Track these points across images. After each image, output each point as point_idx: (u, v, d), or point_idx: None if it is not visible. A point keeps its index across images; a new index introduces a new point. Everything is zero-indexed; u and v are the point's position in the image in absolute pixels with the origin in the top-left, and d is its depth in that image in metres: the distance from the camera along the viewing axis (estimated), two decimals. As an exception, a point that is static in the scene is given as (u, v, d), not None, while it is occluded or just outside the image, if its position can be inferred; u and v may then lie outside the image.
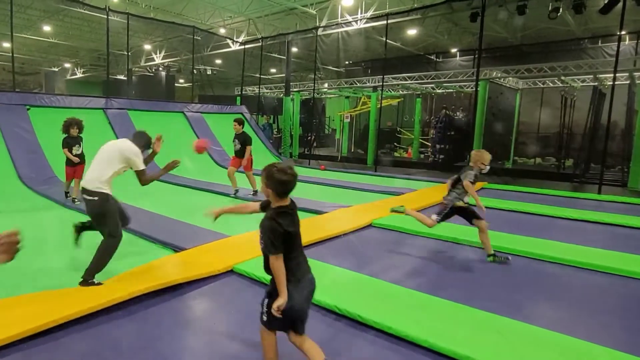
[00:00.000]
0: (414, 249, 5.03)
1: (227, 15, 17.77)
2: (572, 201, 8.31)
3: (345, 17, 15.56)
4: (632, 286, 3.99)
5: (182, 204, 7.39)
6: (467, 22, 13.75)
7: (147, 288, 3.35)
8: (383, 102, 16.04)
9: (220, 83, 28.56)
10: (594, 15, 12.28)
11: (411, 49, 19.70)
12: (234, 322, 3.14)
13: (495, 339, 2.79)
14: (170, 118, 12.83)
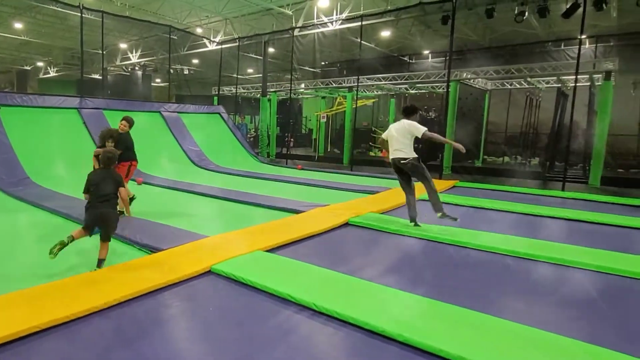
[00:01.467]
0: (390, 246, 5.06)
1: (204, 15, 17.53)
2: (539, 198, 8.53)
3: (320, 18, 15.55)
4: (596, 279, 4.10)
5: (159, 204, 7.24)
6: (438, 25, 13.92)
7: (123, 297, 3.27)
8: (358, 102, 16.10)
9: (198, 83, 28.13)
10: (557, 19, 12.62)
11: (385, 50, 19.86)
12: (212, 321, 3.09)
13: (469, 333, 2.83)
14: (147, 118, 12.54)
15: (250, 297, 3.47)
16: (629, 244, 5.38)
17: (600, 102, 11.30)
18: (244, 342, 2.79)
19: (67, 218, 5.82)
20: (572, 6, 10.96)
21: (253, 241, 4.68)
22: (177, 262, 4.01)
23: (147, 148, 11.41)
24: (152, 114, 12.96)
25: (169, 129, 12.76)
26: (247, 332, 2.92)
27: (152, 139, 11.97)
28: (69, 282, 3.53)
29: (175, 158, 11.92)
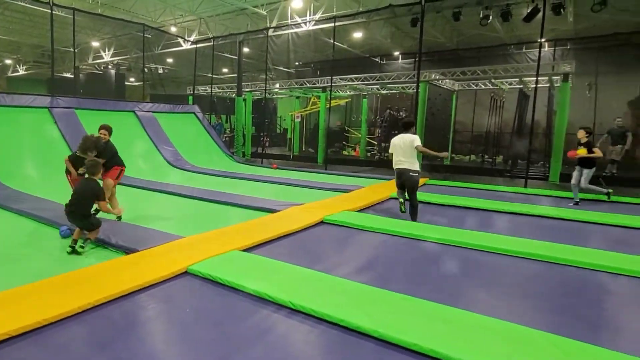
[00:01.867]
0: (364, 244, 5.07)
1: (178, 14, 17.15)
2: (503, 195, 8.72)
3: (294, 19, 15.47)
4: (557, 271, 4.21)
5: (134, 205, 7.02)
6: (408, 27, 14.09)
7: (97, 300, 3.15)
8: (332, 102, 16.11)
9: (173, 82, 27.53)
10: (519, 24, 12.95)
11: (357, 51, 19.93)
12: (189, 322, 3.02)
13: (440, 327, 2.86)
14: (120, 117, 12.18)
15: (227, 297, 3.41)
16: (585, 237, 5.59)
17: (558, 102, 11.66)
18: (221, 343, 2.75)
19: (38, 220, 5.59)
20: (532, 11, 11.28)
21: (229, 241, 4.61)
22: (153, 264, 3.91)
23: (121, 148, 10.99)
24: (126, 113, 12.59)
25: (144, 129, 12.42)
26: (224, 333, 2.87)
27: (126, 139, 11.59)
28: (40, 285, 3.39)
29: (150, 158, 11.62)
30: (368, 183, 9.58)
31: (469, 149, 18.34)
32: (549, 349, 2.60)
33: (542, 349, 2.62)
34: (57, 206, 6.18)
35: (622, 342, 2.86)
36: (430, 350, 2.58)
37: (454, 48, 18.19)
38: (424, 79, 13.33)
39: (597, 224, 6.25)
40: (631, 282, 3.96)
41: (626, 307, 3.48)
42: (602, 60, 15.15)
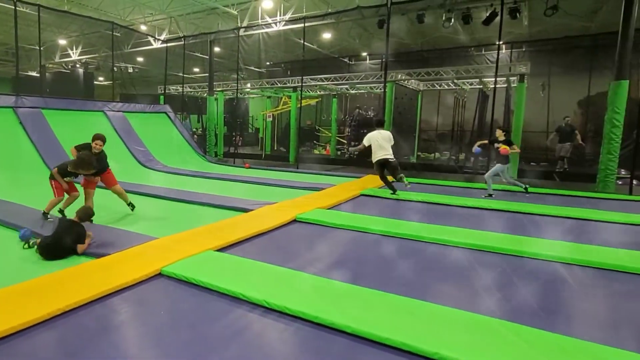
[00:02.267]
0: (336, 241, 5.08)
1: (148, 12, 16.61)
2: (467, 191, 8.89)
3: (265, 19, 15.31)
4: (519, 263, 4.33)
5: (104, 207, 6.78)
6: (375, 29, 14.20)
7: (67, 306, 3.02)
8: (302, 101, 16.05)
9: (143, 81, 26.72)
10: (479, 27, 13.26)
11: (327, 51, 19.93)
12: (163, 325, 2.95)
13: (408, 320, 2.91)
14: (89, 117, 11.75)
15: (201, 298, 3.35)
16: (540, 228, 5.79)
17: (515, 101, 12.02)
18: (196, 344, 2.69)
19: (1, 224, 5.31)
20: (491, 15, 11.59)
21: (203, 241, 4.52)
22: (126, 266, 3.78)
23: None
24: (96, 113, 12.14)
25: (114, 129, 12.00)
26: (199, 334, 2.81)
27: (96, 139, 11.24)
28: (5, 292, 3.21)
29: (121, 159, 11.20)
30: (339, 181, 9.61)
31: (434, 147, 18.69)
32: (509, 337, 2.68)
33: (502, 336, 2.69)
34: (22, 209, 5.92)
35: (577, 328, 2.98)
36: (400, 343, 2.62)
37: (418, 49, 18.48)
38: (391, 79, 13.47)
39: (553, 216, 6.46)
40: (584, 271, 4.13)
41: (579, 294, 3.63)
42: (554, 62, 15.74)
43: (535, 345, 2.59)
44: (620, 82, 8.85)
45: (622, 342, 2.72)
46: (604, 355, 2.50)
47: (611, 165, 9.00)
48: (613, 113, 8.91)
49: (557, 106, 15.57)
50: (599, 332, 2.93)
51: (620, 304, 3.45)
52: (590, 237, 5.31)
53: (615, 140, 8.94)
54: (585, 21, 14.08)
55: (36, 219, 5.39)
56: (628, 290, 3.72)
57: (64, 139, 10.25)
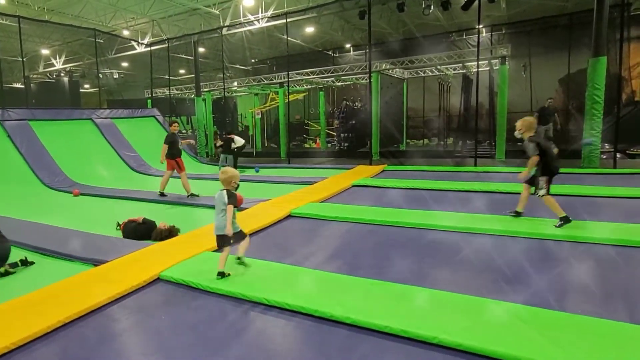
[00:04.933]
0: (331, 233, 5.06)
1: (130, 17, 16.35)
2: (456, 174, 8.91)
3: (247, 17, 15.13)
4: (510, 244, 4.36)
5: (99, 215, 6.71)
6: (357, 20, 14.10)
7: (67, 318, 2.98)
8: (290, 96, 15.95)
9: (130, 87, 26.38)
10: (458, 12, 13.22)
11: (311, 45, 19.81)
12: (165, 330, 2.92)
13: (407, 307, 2.92)
14: (77, 126, 11.56)
15: (201, 300, 3.32)
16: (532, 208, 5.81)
17: (498, 84, 12.04)
18: (199, 347, 2.67)
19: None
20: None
21: (199, 243, 4.48)
22: (123, 273, 3.74)
23: (80, 158, 10.60)
24: (83, 121, 11.93)
25: (103, 136, 11.82)
26: (201, 336, 2.80)
27: (85, 148, 11.09)
28: (3, 307, 3.16)
29: (112, 166, 11.10)
30: (331, 174, 9.58)
31: (422, 134, 18.70)
32: (504, 316, 2.71)
33: (497, 316, 2.72)
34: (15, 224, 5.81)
35: (570, 303, 3.01)
36: (399, 330, 2.63)
37: (401, 38, 18.41)
38: (376, 69, 13.41)
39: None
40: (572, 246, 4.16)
41: (570, 270, 3.66)
42: (533, 43, 15.79)
43: (531, 322, 2.61)
44: (599, 59, 8.89)
45: (614, 315, 2.76)
46: (596, 328, 2.53)
47: (595, 140, 9.07)
48: (593, 89, 8.96)
49: (539, 86, 15.65)
50: (592, 305, 2.95)
51: (609, 276, 3.48)
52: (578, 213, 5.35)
53: (597, 116, 9.00)
54: (561, 1, 14.12)
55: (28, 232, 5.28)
56: (615, 262, 3.76)
57: (53, 150, 10.11)
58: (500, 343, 2.40)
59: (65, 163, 9.99)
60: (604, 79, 8.95)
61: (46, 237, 4.99)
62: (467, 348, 2.41)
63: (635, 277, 3.43)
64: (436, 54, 13.82)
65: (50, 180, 9.26)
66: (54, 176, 9.45)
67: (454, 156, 12.54)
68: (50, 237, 4.99)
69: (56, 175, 9.53)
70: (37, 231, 5.36)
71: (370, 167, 10.37)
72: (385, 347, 2.55)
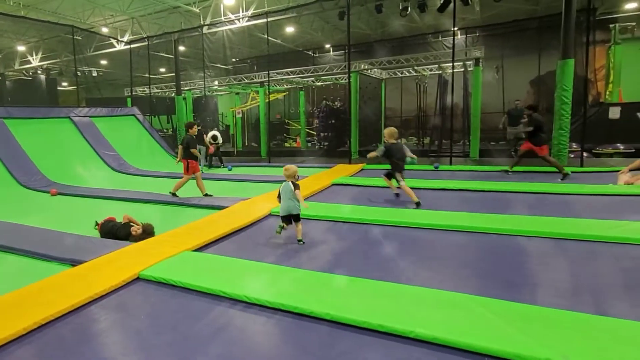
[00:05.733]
0: (311, 232, 5.05)
1: (109, 14, 15.93)
2: (432, 173, 9.03)
3: (227, 16, 14.96)
4: (483, 240, 4.44)
5: (78, 215, 6.53)
6: (336, 20, 14.14)
7: (44, 319, 2.89)
8: (270, 96, 15.86)
9: (109, 85, 25.73)
10: (434, 14, 13.40)
11: (291, 45, 19.72)
12: (145, 329, 2.86)
13: (384, 302, 2.94)
14: (55, 125, 11.20)
15: (181, 299, 3.28)
16: (504, 205, 5.96)
17: (473, 85, 12.26)
18: (179, 345, 2.63)
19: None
20: (444, 2, 11.73)
21: (180, 242, 4.41)
22: (102, 273, 3.65)
23: (58, 157, 10.29)
24: (61, 120, 11.56)
25: (82, 135, 11.49)
26: (181, 335, 2.76)
27: (63, 147, 10.75)
28: (-22, 310, 3.04)
29: (91, 165, 10.79)
30: (311, 172, 9.55)
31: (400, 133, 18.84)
32: (477, 310, 2.76)
33: (471, 310, 2.77)
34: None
35: (540, 297, 3.09)
36: (377, 325, 2.65)
37: (379, 39, 18.53)
38: (354, 69, 13.46)
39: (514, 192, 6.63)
40: (543, 242, 4.28)
41: (541, 265, 3.76)
42: (506, 45, 16.13)
43: (502, 315, 2.67)
44: (566, 61, 9.15)
45: (581, 307, 2.85)
46: (564, 320, 2.61)
47: (563, 140, 9.34)
48: (562, 90, 9.22)
49: (511, 87, 16.01)
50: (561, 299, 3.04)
51: (578, 270, 3.60)
52: (548, 210, 5.51)
53: (565, 116, 9.27)
54: (531, 4, 14.47)
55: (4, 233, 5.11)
56: (582, 257, 3.88)
57: (29, 149, 9.76)
58: (473, 335, 2.45)
59: (42, 162, 9.67)
60: (572, 81, 9.22)
61: (22, 238, 4.83)
62: (441, 341, 2.45)
63: (600, 271, 3.55)
64: (413, 55, 13.96)
65: (26, 179, 8.95)
66: (30, 176, 9.14)
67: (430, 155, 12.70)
68: (26, 237, 4.84)
69: (33, 174, 9.22)
70: (13, 231, 5.19)
71: (350, 165, 10.41)
72: (364, 342, 2.57)
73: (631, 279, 3.34)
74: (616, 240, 4.09)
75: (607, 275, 3.44)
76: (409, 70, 15.81)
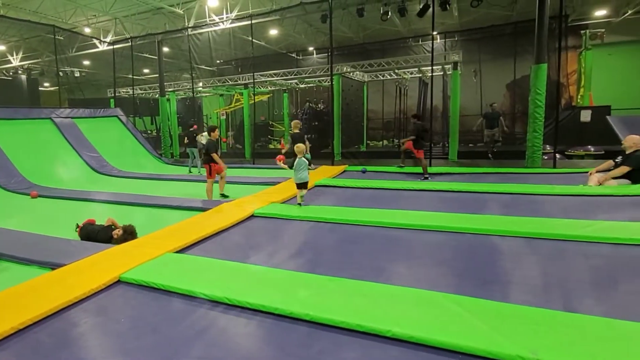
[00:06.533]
0: (293, 233, 5.04)
1: (91, 14, 15.59)
2: (412, 175, 9.03)
3: (212, 18, 14.81)
4: (458, 240, 4.49)
5: (59, 217, 6.37)
6: (319, 23, 14.16)
7: (21, 324, 2.82)
8: (255, 98, 15.77)
9: (92, 85, 25.16)
10: (414, 18, 13.55)
11: (275, 48, 19.66)
12: (125, 332, 2.81)
13: (362, 302, 2.95)
14: (36, 126, 10.89)
15: (162, 301, 3.24)
16: (481, 206, 6.06)
17: (451, 88, 12.42)
18: (160, 348, 2.60)
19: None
20: (424, 7, 11.88)
21: (161, 244, 4.35)
22: (82, 276, 3.57)
23: (39, 158, 10.03)
24: (42, 121, 11.24)
25: (63, 136, 11.20)
26: (162, 337, 2.73)
27: (44, 148, 10.48)
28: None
29: (73, 167, 10.52)
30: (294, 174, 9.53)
31: (381, 135, 18.99)
32: (452, 308, 2.80)
33: (446, 308, 2.81)
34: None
35: (513, 294, 3.16)
36: (355, 325, 2.67)
37: (361, 42, 18.63)
38: (337, 72, 13.50)
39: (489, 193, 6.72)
40: (516, 241, 4.36)
41: (514, 263, 3.83)
42: (483, 50, 16.41)
43: (476, 313, 2.71)
44: (540, 66, 9.35)
45: (550, 304, 2.92)
46: (534, 316, 2.67)
47: (537, 142, 9.54)
48: (535, 94, 9.41)
49: (489, 90, 16.29)
50: (532, 296, 3.11)
51: (548, 268, 3.68)
52: (522, 210, 5.62)
53: (539, 119, 9.47)
54: (506, 10, 14.76)
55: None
56: (552, 255, 3.97)
57: (9, 150, 9.48)
58: (448, 333, 2.49)
59: (22, 164, 9.40)
60: (545, 85, 9.43)
61: (1, 241, 4.69)
62: (417, 339, 2.48)
63: (570, 269, 3.63)
64: (394, 58, 14.08)
65: (6, 181, 8.68)
66: (10, 177, 8.87)
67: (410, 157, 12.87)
68: (5, 241, 4.70)
69: (13, 176, 8.95)
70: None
71: (332, 167, 10.42)
72: (342, 342, 2.59)
73: (599, 277, 3.44)
74: (586, 239, 4.18)
75: (576, 273, 3.53)
76: (390, 73, 15.94)
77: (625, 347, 2.31)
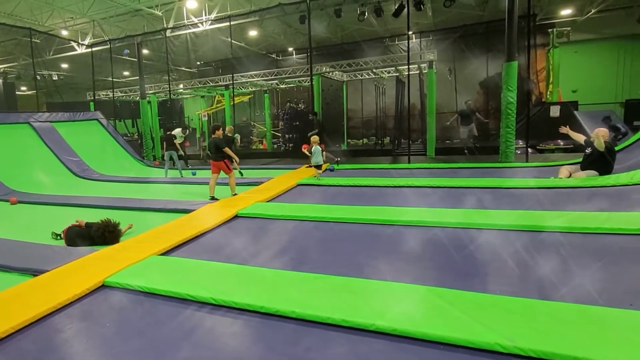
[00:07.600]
0: (277, 232, 5.01)
1: (68, 17, 15.09)
2: (392, 171, 9.08)
3: (190, 19, 14.56)
4: (439, 234, 4.54)
5: (39, 223, 6.15)
6: (298, 24, 14.10)
7: (4, 332, 2.72)
8: (235, 99, 15.60)
9: (71, 89, 24.43)
10: (390, 19, 13.61)
11: (254, 48, 19.47)
12: (111, 337, 2.75)
13: (347, 298, 2.97)
14: (13, 130, 10.51)
15: (148, 304, 3.17)
16: (459, 200, 6.14)
17: (427, 86, 12.55)
18: (147, 351, 2.55)
19: None
20: (399, 7, 11.95)
21: (146, 247, 4.26)
22: (66, 282, 3.48)
23: (18, 164, 9.69)
24: (20, 125, 10.85)
25: (42, 141, 10.83)
26: (149, 340, 2.67)
27: (23, 153, 10.13)
28: None
29: (53, 171, 10.18)
30: (276, 174, 9.48)
31: (361, 134, 19.05)
32: (434, 300, 2.84)
33: (429, 301, 2.84)
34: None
35: (491, 285, 3.22)
36: (341, 320, 2.68)
37: (339, 42, 18.63)
38: (317, 72, 13.48)
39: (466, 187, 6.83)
40: (493, 233, 4.44)
41: (492, 254, 3.90)
42: (457, 48, 16.60)
43: (456, 304, 2.76)
44: (511, 63, 9.53)
45: (527, 292, 2.99)
46: (511, 306, 2.73)
47: (510, 137, 9.73)
48: (507, 91, 9.60)
49: (463, 88, 16.53)
50: (509, 286, 3.18)
51: (524, 258, 3.76)
52: (497, 203, 5.72)
53: (511, 115, 9.66)
54: (478, 10, 14.99)
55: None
56: (526, 246, 4.07)
57: (-13, 156, 9.13)
58: (430, 325, 2.52)
59: (0, 170, 9.06)
60: (516, 82, 9.62)
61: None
62: (400, 332, 2.51)
63: (544, 258, 3.72)
64: (371, 57, 14.13)
65: (-17, 188, 8.37)
66: (-13, 184, 8.55)
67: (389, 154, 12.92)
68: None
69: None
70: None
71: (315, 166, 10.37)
72: (328, 337, 2.59)
73: (570, 265, 3.54)
74: (558, 230, 4.30)
75: (549, 262, 3.62)
76: (368, 72, 15.99)
77: (596, 332, 2.38)
